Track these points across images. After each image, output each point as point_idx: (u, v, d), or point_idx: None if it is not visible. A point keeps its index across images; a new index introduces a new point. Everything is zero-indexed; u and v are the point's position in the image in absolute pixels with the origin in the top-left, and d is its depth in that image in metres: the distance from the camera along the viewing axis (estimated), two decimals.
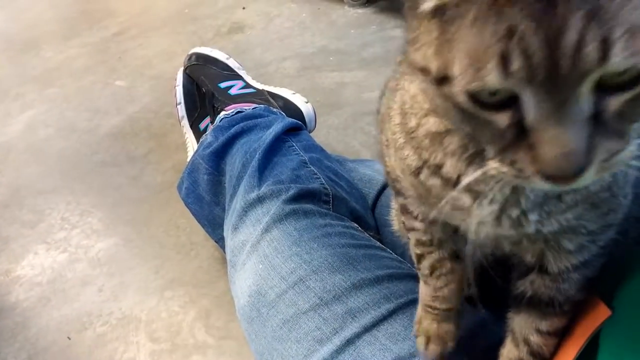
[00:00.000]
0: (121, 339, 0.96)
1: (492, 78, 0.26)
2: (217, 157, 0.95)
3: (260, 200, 0.79)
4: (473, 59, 0.27)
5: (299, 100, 1.13)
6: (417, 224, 0.53)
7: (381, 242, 0.78)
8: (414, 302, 0.62)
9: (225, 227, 0.85)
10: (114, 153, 1.35)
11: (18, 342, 0.98)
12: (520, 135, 0.29)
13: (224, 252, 0.91)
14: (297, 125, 0.97)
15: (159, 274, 1.06)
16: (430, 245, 0.54)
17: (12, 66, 1.80)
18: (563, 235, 0.44)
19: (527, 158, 0.29)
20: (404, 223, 0.57)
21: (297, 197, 0.78)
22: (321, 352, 0.62)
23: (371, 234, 0.78)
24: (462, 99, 0.29)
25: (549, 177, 0.29)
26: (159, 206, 1.19)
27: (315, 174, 0.84)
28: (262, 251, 0.73)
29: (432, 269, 0.56)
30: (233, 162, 0.91)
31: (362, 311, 0.64)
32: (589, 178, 0.29)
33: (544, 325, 0.50)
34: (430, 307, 0.58)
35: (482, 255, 0.53)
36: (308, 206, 0.77)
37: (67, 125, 1.47)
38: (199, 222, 1.00)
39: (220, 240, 0.94)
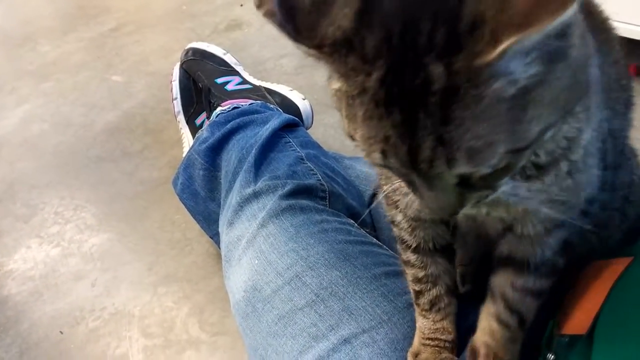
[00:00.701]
0: (114, 334, 0.95)
1: (379, 161, 0.35)
2: (213, 152, 0.94)
3: (256, 195, 0.79)
4: (365, 143, 0.34)
5: (296, 97, 1.13)
6: (412, 257, 0.57)
7: (377, 238, 0.77)
8: (412, 305, 0.62)
9: (221, 223, 0.85)
10: (110, 148, 1.34)
11: (9, 336, 0.97)
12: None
13: (219, 247, 0.91)
14: (294, 122, 0.97)
15: (153, 270, 1.05)
16: (427, 282, 0.58)
17: (8, 60, 1.79)
18: (521, 216, 0.46)
19: (419, 197, 0.38)
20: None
21: (294, 193, 0.78)
22: (316, 349, 0.62)
23: (367, 230, 0.78)
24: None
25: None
26: (154, 202, 1.18)
27: (312, 170, 0.84)
28: (258, 246, 0.73)
29: (432, 305, 0.58)
30: (229, 158, 0.91)
31: (359, 309, 0.64)
32: (467, 210, 0.39)
33: (519, 282, 0.51)
34: (431, 339, 0.59)
35: (471, 239, 0.54)
36: (304, 202, 0.77)
37: (62, 120, 1.46)
38: (194, 217, 1.00)
39: (215, 236, 0.93)
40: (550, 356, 0.50)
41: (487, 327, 0.54)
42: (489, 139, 0.31)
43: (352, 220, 0.78)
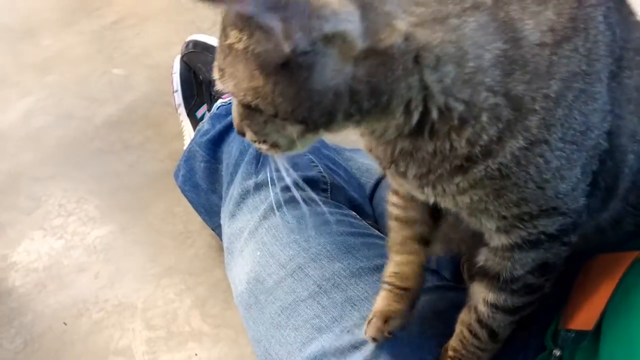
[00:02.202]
0: (117, 325, 0.96)
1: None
2: (214, 144, 0.94)
3: (257, 187, 0.79)
4: None
5: None
6: (394, 198, 0.59)
7: (379, 231, 0.77)
8: None
9: (222, 215, 0.85)
10: (111, 141, 1.34)
11: (14, 327, 0.98)
12: None
13: (221, 240, 0.91)
14: None
15: (155, 262, 1.06)
16: (402, 221, 0.59)
17: (10, 54, 1.78)
18: (476, 213, 0.47)
19: None
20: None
21: (295, 185, 0.78)
22: (320, 341, 0.62)
23: (369, 222, 0.78)
24: None
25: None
26: (155, 194, 1.19)
27: (313, 162, 0.84)
28: (260, 238, 0.73)
29: (400, 244, 0.60)
30: (230, 150, 0.91)
31: (362, 300, 0.64)
32: (250, 140, 0.46)
33: (491, 298, 0.51)
34: (388, 283, 0.60)
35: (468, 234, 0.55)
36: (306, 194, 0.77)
37: (64, 113, 1.46)
38: (195, 209, 1.00)
39: (217, 228, 0.94)
40: (557, 352, 0.50)
41: (459, 333, 0.56)
42: (238, 79, 0.39)
43: (353, 212, 0.78)
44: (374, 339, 0.59)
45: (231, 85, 0.40)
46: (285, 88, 0.37)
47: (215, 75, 0.42)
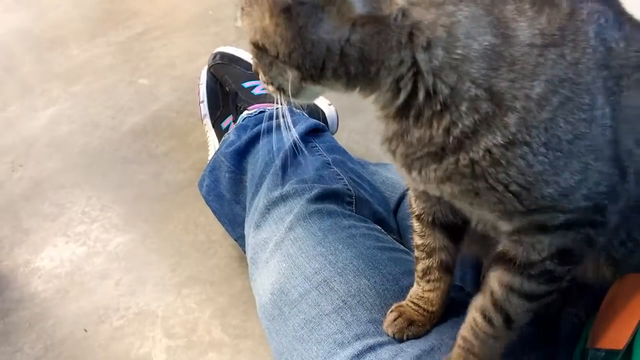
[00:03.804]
0: (137, 333, 0.96)
1: None
2: (239, 155, 0.95)
3: (283, 198, 0.79)
4: None
5: (322, 103, 1.13)
6: (415, 224, 0.61)
7: (403, 245, 0.77)
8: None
9: (247, 225, 0.85)
10: (136, 150, 1.36)
11: (35, 332, 0.98)
12: None
13: (243, 251, 0.91)
14: (320, 127, 0.97)
15: (176, 271, 1.06)
16: (423, 251, 0.61)
17: (39, 63, 1.82)
18: (465, 204, 0.49)
19: None
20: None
21: (321, 197, 0.78)
22: (341, 356, 0.62)
23: (394, 237, 0.78)
24: None
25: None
26: (178, 204, 1.19)
27: (339, 174, 0.84)
28: (285, 250, 0.73)
29: (423, 274, 0.62)
30: (255, 161, 0.91)
31: None
32: (261, 82, 0.49)
33: (507, 280, 0.51)
34: (415, 304, 0.62)
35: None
36: (332, 206, 0.77)
37: (90, 122, 1.48)
38: (219, 220, 1.00)
39: (239, 239, 0.94)
40: None
41: (471, 320, 0.55)
42: (252, 18, 0.44)
43: (379, 226, 0.78)
44: (394, 336, 0.61)
45: (246, 22, 0.45)
46: (283, 30, 0.42)
47: (237, 13, 0.46)
